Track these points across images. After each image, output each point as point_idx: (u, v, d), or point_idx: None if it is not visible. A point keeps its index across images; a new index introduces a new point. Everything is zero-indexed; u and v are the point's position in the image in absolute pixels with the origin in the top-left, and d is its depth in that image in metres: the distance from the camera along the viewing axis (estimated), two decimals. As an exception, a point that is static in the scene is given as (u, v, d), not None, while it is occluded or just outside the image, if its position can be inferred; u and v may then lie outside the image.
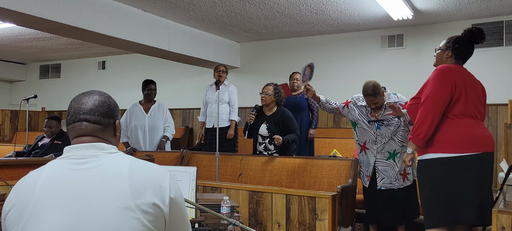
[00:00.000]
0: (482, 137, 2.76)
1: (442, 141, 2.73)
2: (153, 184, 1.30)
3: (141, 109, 5.46)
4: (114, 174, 1.28)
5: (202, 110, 5.76)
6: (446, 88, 2.72)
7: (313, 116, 5.45)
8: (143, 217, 1.24)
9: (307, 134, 5.36)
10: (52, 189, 1.26)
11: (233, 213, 2.83)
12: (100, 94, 1.44)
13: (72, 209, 1.22)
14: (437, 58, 2.98)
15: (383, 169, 3.74)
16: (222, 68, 5.48)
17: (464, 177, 2.68)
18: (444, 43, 2.95)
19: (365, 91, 3.66)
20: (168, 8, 6.04)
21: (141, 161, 1.37)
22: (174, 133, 5.61)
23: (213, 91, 5.50)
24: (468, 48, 2.90)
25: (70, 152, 1.34)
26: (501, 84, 6.17)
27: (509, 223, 2.27)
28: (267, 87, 4.56)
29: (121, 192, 1.25)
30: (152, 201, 1.27)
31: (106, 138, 1.40)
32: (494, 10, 5.97)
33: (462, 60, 2.91)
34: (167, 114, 5.52)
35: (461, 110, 2.75)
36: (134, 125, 5.40)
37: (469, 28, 2.91)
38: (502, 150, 5.70)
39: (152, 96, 5.49)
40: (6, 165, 3.61)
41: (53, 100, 10.34)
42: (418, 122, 2.75)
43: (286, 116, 4.47)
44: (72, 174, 1.28)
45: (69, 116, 1.41)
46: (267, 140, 4.48)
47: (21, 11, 4.64)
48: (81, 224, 1.21)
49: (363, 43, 7.20)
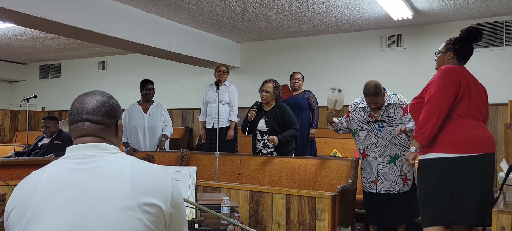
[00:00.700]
0: (483, 138, 2.76)
1: (444, 141, 2.74)
2: (155, 185, 1.30)
3: (139, 110, 5.48)
4: (116, 174, 1.28)
5: (202, 110, 5.77)
6: (451, 88, 2.72)
7: (314, 115, 5.46)
8: (144, 217, 1.25)
9: (308, 133, 5.36)
10: (54, 189, 1.26)
11: (233, 213, 2.83)
12: (102, 95, 1.45)
13: (73, 209, 1.23)
14: (438, 62, 2.99)
15: (384, 172, 3.74)
16: (223, 69, 5.48)
17: (466, 178, 2.69)
18: (444, 46, 2.96)
19: (367, 91, 3.66)
20: (168, 8, 6.04)
21: (143, 161, 1.37)
22: (172, 131, 5.64)
23: (213, 91, 5.51)
24: (468, 47, 2.91)
25: (72, 152, 1.35)
26: (501, 84, 6.17)
27: (509, 223, 2.27)
28: (266, 84, 4.52)
29: (123, 192, 1.25)
30: (153, 202, 1.27)
31: (108, 138, 1.41)
32: (494, 10, 5.97)
33: (464, 60, 2.92)
34: (165, 113, 5.56)
35: (464, 111, 2.76)
36: (134, 125, 5.43)
37: (467, 27, 2.92)
38: (502, 150, 5.70)
39: (150, 96, 5.52)
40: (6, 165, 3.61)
41: (53, 100, 10.34)
42: (423, 120, 2.74)
43: (285, 110, 4.44)
44: (74, 174, 1.29)
45: (72, 116, 1.42)
46: (266, 137, 4.46)
47: (21, 11, 4.64)
48: (82, 224, 1.22)
49: (363, 43, 7.20)
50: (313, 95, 5.49)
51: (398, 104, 3.71)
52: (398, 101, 3.73)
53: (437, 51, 3.01)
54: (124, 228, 1.22)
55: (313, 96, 5.48)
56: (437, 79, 2.78)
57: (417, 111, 2.92)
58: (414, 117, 3.04)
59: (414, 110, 2.99)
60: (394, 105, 3.71)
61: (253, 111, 4.51)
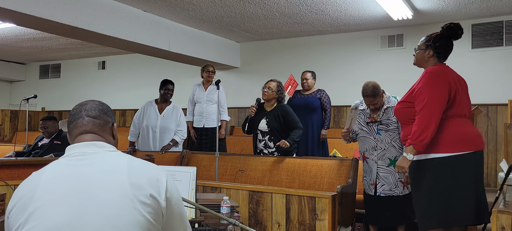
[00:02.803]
0: (474, 136, 2.75)
1: (437, 141, 2.71)
2: (150, 177, 1.37)
3: (155, 109, 5.36)
4: (114, 167, 1.36)
5: (189, 109, 5.72)
6: (443, 91, 2.68)
7: (326, 115, 5.29)
8: (141, 207, 1.30)
9: (319, 135, 5.24)
10: (54, 184, 1.31)
11: (233, 213, 2.82)
12: (99, 101, 1.60)
13: (73, 200, 1.28)
14: (417, 58, 2.92)
15: (384, 175, 3.73)
16: (211, 69, 5.58)
17: (461, 176, 2.67)
18: (424, 42, 2.89)
19: (365, 91, 3.65)
20: (168, 8, 6.04)
21: (139, 159, 1.44)
22: (185, 137, 5.40)
23: (202, 91, 5.56)
24: (449, 45, 2.85)
25: (71, 150, 1.43)
26: (501, 84, 6.17)
27: (509, 223, 2.27)
28: (270, 82, 4.50)
29: (120, 183, 1.31)
30: (149, 192, 1.33)
31: (105, 136, 1.50)
32: (494, 10, 5.97)
33: (444, 58, 2.87)
34: (181, 117, 5.36)
35: (454, 110, 2.74)
36: (146, 124, 5.30)
37: (447, 24, 2.85)
38: (502, 150, 5.70)
39: (169, 96, 5.38)
40: (6, 165, 3.61)
41: (53, 100, 10.34)
42: (421, 128, 2.65)
43: (287, 111, 4.42)
44: (74, 169, 1.35)
45: (71, 116, 1.52)
46: (267, 137, 4.45)
47: (21, 11, 4.64)
48: (82, 213, 1.26)
49: (363, 43, 7.20)
50: (326, 95, 5.32)
51: None
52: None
53: (416, 47, 2.94)
54: (122, 218, 1.27)
55: (326, 96, 5.31)
56: (426, 84, 2.71)
57: (405, 115, 2.87)
58: (401, 120, 2.99)
59: (401, 115, 2.93)
60: (393, 108, 3.70)
61: (254, 108, 4.48)
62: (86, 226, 1.24)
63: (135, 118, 5.40)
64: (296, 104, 5.17)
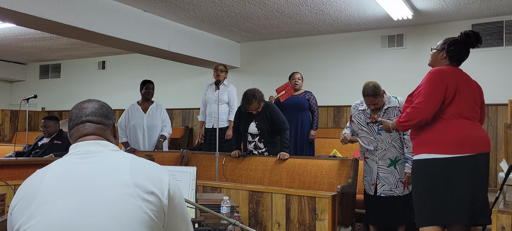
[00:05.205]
0: (476, 138, 2.77)
1: (436, 142, 2.77)
2: (153, 175, 1.38)
3: (139, 109, 5.52)
4: (117, 166, 1.37)
5: (201, 110, 5.77)
6: (439, 91, 2.76)
7: (314, 117, 5.43)
8: (144, 205, 1.31)
9: (309, 135, 5.34)
10: (58, 181, 1.32)
11: (233, 213, 2.82)
12: (98, 101, 1.58)
13: (76, 197, 1.29)
14: (432, 58, 3.01)
15: (384, 176, 3.73)
16: (221, 68, 5.48)
17: (457, 178, 2.71)
18: (441, 43, 2.97)
19: (365, 91, 3.65)
20: (168, 8, 6.04)
21: (142, 159, 1.45)
22: (170, 132, 5.68)
23: (212, 91, 5.51)
24: (463, 51, 2.92)
25: (75, 149, 1.44)
26: (501, 84, 6.17)
27: (509, 223, 2.27)
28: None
29: (123, 181, 1.32)
30: (151, 190, 1.34)
31: (107, 137, 1.51)
32: (494, 10, 5.97)
33: (457, 62, 2.93)
34: (164, 113, 5.60)
35: (456, 112, 2.78)
36: (133, 124, 5.46)
37: (466, 31, 2.92)
38: (502, 150, 5.71)
39: (150, 95, 5.55)
40: (6, 165, 3.61)
41: (53, 100, 10.34)
42: (409, 116, 2.83)
43: (273, 109, 4.54)
44: (77, 167, 1.36)
45: (72, 121, 1.52)
46: (257, 138, 4.56)
47: (21, 11, 4.64)
48: (85, 210, 1.27)
49: (363, 43, 7.20)
50: (313, 97, 5.44)
51: (398, 107, 3.68)
52: (398, 104, 3.70)
53: (433, 47, 3.02)
54: (124, 214, 1.28)
55: (314, 98, 5.43)
56: (426, 82, 2.83)
57: None
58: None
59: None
60: (394, 108, 3.70)
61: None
62: (90, 223, 1.25)
63: (121, 121, 5.54)
64: (286, 104, 5.25)
